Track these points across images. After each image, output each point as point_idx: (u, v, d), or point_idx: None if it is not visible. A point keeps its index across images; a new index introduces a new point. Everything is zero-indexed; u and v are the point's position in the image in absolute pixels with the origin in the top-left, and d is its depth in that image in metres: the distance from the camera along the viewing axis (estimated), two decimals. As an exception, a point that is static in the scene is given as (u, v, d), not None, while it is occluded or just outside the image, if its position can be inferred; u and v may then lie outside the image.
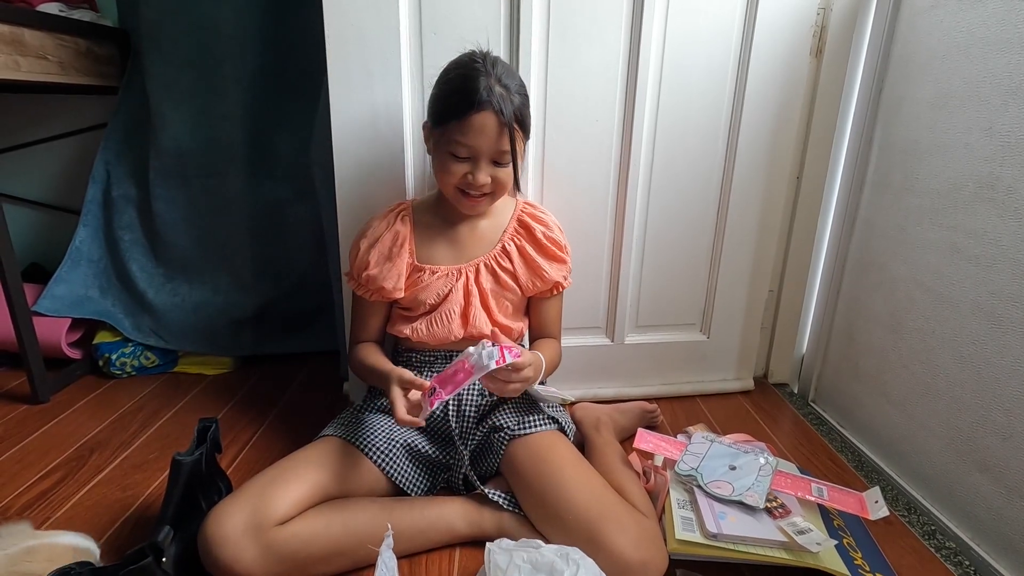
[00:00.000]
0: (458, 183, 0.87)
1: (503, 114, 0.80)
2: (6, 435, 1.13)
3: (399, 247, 0.94)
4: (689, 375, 1.34)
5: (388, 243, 0.94)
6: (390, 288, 0.93)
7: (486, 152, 0.84)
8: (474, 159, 0.84)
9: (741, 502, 0.86)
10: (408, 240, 0.95)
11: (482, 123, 0.81)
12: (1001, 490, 0.83)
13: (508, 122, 0.81)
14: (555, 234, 0.99)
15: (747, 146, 1.18)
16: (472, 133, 0.81)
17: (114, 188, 1.38)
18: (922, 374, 0.98)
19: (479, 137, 0.81)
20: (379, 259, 0.93)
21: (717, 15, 1.09)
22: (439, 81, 0.88)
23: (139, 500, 0.96)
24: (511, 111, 0.82)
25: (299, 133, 1.33)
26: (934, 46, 0.97)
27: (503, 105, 0.80)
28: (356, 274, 0.96)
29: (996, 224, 0.84)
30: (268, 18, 1.28)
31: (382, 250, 0.94)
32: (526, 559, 0.70)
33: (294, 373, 1.43)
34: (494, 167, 0.86)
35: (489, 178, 0.85)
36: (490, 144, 0.82)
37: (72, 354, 1.37)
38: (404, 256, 0.94)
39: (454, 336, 0.94)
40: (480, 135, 0.81)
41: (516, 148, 0.85)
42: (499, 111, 0.80)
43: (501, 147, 0.83)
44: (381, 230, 0.95)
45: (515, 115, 0.82)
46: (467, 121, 0.81)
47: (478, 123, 0.81)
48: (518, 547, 0.73)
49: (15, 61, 1.13)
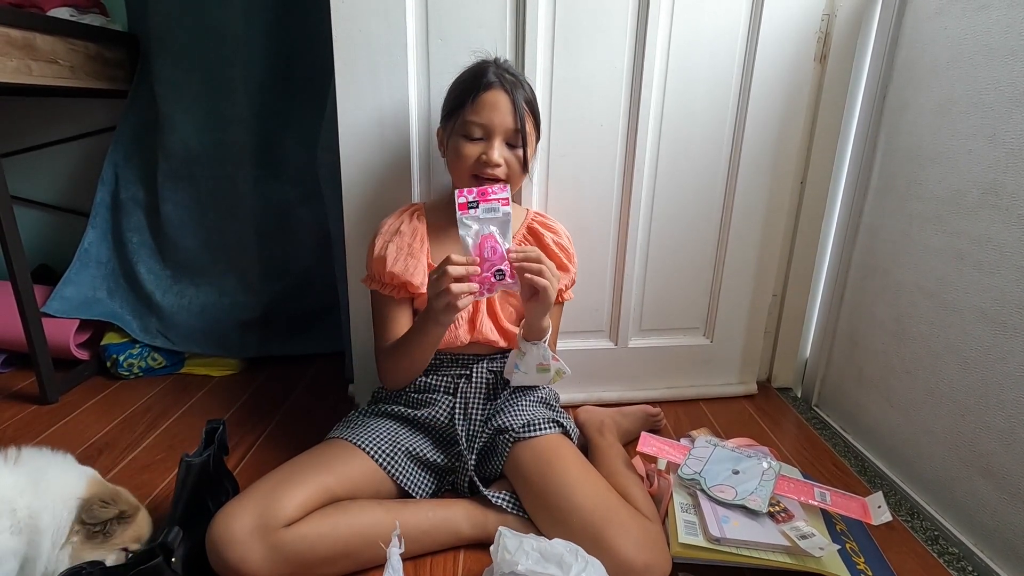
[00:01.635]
0: (472, 165, 0.88)
1: (513, 93, 0.84)
2: (15, 435, 1.14)
3: (420, 243, 0.94)
4: (693, 379, 1.35)
5: (408, 238, 0.94)
6: (418, 283, 0.92)
7: (499, 128, 0.86)
8: (488, 138, 0.86)
9: (744, 506, 0.86)
10: (426, 238, 0.95)
11: (494, 100, 0.84)
12: (1004, 496, 0.83)
13: (518, 101, 0.84)
14: (564, 242, 0.99)
15: (751, 151, 1.18)
16: (485, 110, 0.84)
17: (122, 190, 1.39)
18: (926, 379, 0.98)
19: (492, 113, 0.84)
20: (399, 254, 0.93)
21: (721, 20, 1.10)
22: (451, 85, 0.92)
23: (146, 501, 0.97)
24: (521, 95, 0.86)
25: (306, 136, 1.34)
26: (938, 53, 0.97)
27: (513, 88, 0.84)
28: (376, 273, 0.95)
29: (1000, 230, 0.84)
30: (276, 22, 1.29)
31: (401, 244, 0.93)
32: (535, 547, 0.71)
33: (300, 375, 1.44)
34: (507, 149, 0.87)
35: (503, 158, 0.86)
36: (502, 120, 0.85)
37: (80, 355, 1.38)
38: (425, 253, 0.94)
39: (460, 341, 0.95)
40: (493, 111, 0.84)
41: (527, 130, 0.86)
42: (509, 91, 0.84)
43: (514, 126, 0.85)
44: (397, 226, 0.95)
45: (525, 99, 0.86)
46: (479, 100, 0.85)
47: (490, 100, 0.84)
48: (529, 537, 0.73)
49: (27, 65, 1.15)
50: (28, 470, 0.73)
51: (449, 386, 0.98)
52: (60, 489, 0.73)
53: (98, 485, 0.78)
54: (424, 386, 0.98)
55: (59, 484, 0.74)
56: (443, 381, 0.98)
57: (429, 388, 0.98)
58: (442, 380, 0.98)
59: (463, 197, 0.80)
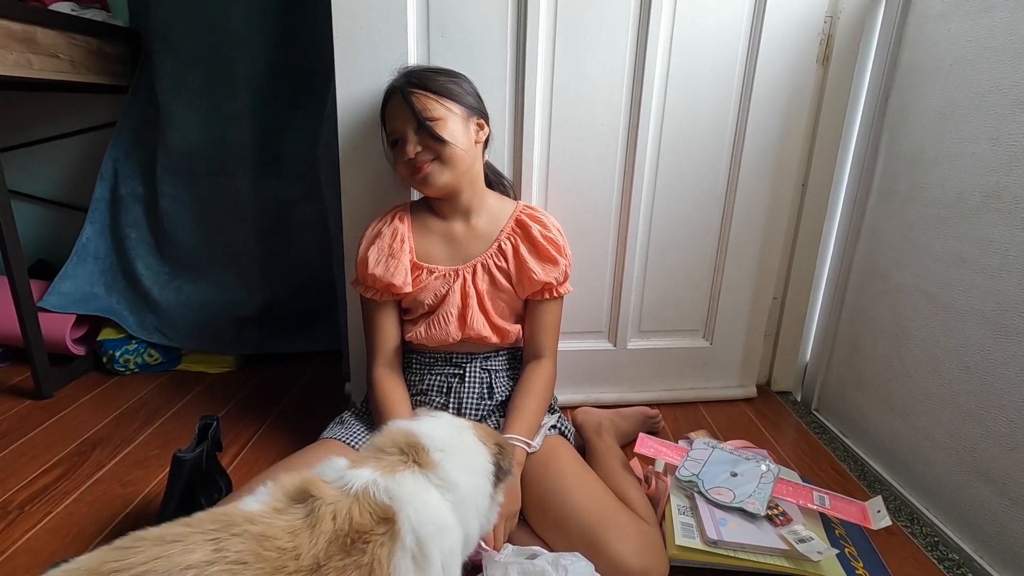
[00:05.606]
0: (404, 168, 0.91)
1: (404, 92, 0.88)
2: (10, 429, 1.14)
3: (400, 243, 0.94)
4: (691, 381, 1.34)
5: (388, 239, 0.94)
6: (400, 284, 0.92)
7: (405, 128, 0.89)
8: (401, 140, 0.90)
9: (742, 509, 0.85)
10: (408, 237, 0.95)
11: (393, 108, 0.91)
12: (1006, 502, 0.82)
13: (405, 92, 0.88)
14: (553, 234, 0.97)
15: (752, 152, 1.18)
16: (390, 120, 0.92)
17: (122, 186, 1.39)
18: (926, 384, 0.98)
19: (396, 120, 0.90)
20: (380, 256, 0.93)
21: (724, 20, 1.10)
22: None
23: (139, 496, 0.96)
24: (412, 82, 0.89)
25: (307, 133, 1.34)
26: (941, 55, 0.96)
27: (403, 87, 0.89)
28: (360, 276, 0.96)
29: (1003, 234, 0.84)
30: (277, 19, 1.29)
31: (382, 247, 0.94)
32: (519, 571, 0.71)
33: (296, 373, 1.43)
34: (424, 137, 0.89)
35: (419, 146, 0.89)
36: (402, 117, 0.89)
37: (76, 350, 1.38)
38: (407, 252, 0.94)
39: (452, 338, 0.94)
40: (396, 118, 0.90)
41: (420, 108, 0.87)
42: (400, 91, 0.89)
43: (414, 120, 0.87)
44: (379, 229, 0.96)
45: (416, 83, 0.89)
46: (386, 113, 0.93)
47: (391, 111, 0.91)
48: (513, 560, 0.73)
49: (27, 59, 1.15)
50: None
51: (442, 386, 0.97)
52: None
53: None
54: (417, 388, 0.98)
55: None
56: (436, 381, 0.97)
57: (422, 390, 0.97)
58: (435, 380, 0.97)
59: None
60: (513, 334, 0.99)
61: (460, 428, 0.69)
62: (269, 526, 0.51)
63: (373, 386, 0.95)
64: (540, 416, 0.94)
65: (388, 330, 0.97)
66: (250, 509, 0.53)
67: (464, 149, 0.90)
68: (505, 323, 0.98)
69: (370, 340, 0.98)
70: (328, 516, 0.53)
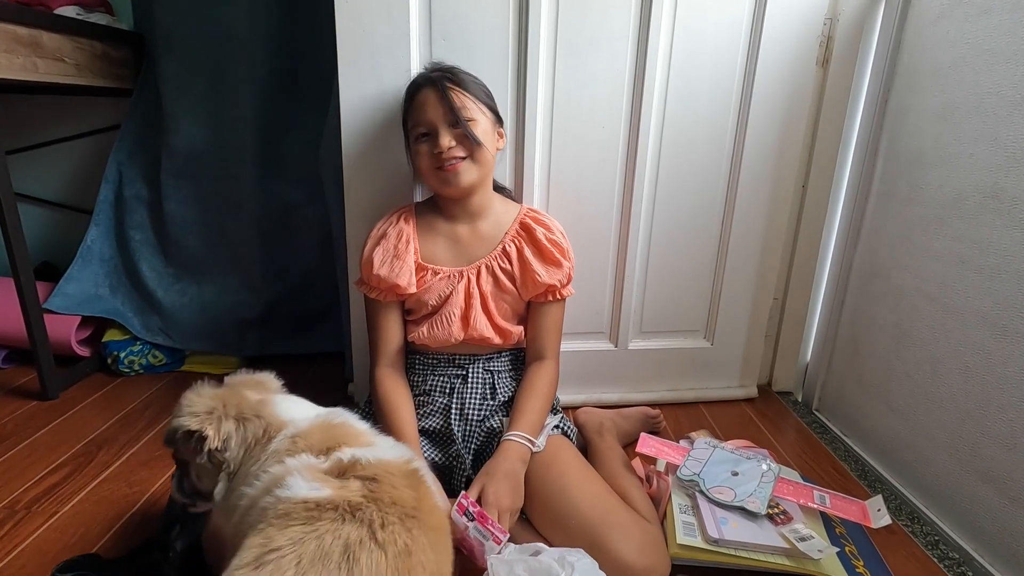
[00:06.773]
0: (431, 161, 0.91)
1: (439, 84, 0.88)
2: (16, 430, 1.14)
3: (405, 244, 0.95)
4: (693, 382, 1.34)
5: (393, 240, 0.95)
6: (404, 284, 0.93)
7: (438, 119, 0.89)
8: (432, 133, 0.90)
9: (743, 508, 0.86)
10: (413, 239, 0.96)
11: (424, 98, 0.89)
12: (1005, 501, 0.83)
13: (443, 88, 0.88)
14: (557, 237, 0.98)
15: (753, 154, 1.18)
16: (421, 110, 0.90)
17: (126, 188, 1.40)
18: (926, 384, 0.98)
19: (426, 109, 0.89)
20: (385, 256, 0.94)
21: (724, 23, 1.10)
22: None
23: (145, 496, 0.97)
24: (450, 79, 0.89)
25: (309, 136, 1.35)
26: (940, 57, 0.97)
27: (439, 80, 0.89)
28: (365, 277, 0.97)
29: (1001, 234, 0.84)
30: (280, 22, 1.30)
31: (387, 247, 0.94)
32: (524, 568, 0.71)
33: (300, 373, 1.44)
34: (458, 135, 0.89)
35: (453, 141, 0.89)
36: (436, 111, 0.88)
37: (81, 352, 1.39)
38: (411, 253, 0.95)
39: (454, 338, 0.94)
40: (427, 107, 0.89)
41: (458, 105, 0.88)
42: (436, 82, 0.89)
43: (450, 111, 0.88)
44: (385, 229, 0.96)
45: (454, 81, 0.89)
46: (414, 104, 0.91)
47: (421, 100, 0.90)
48: (518, 557, 0.74)
49: (33, 63, 1.15)
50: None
51: (445, 387, 0.98)
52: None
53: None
54: (420, 389, 0.98)
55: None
56: (439, 382, 0.98)
57: (425, 391, 0.98)
58: (438, 381, 0.98)
59: (465, 501, 0.79)
60: (515, 335, 0.99)
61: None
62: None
63: (376, 387, 0.95)
64: (544, 416, 0.95)
65: (392, 331, 0.98)
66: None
67: (492, 153, 0.92)
68: (508, 324, 0.98)
69: (373, 341, 0.99)
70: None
